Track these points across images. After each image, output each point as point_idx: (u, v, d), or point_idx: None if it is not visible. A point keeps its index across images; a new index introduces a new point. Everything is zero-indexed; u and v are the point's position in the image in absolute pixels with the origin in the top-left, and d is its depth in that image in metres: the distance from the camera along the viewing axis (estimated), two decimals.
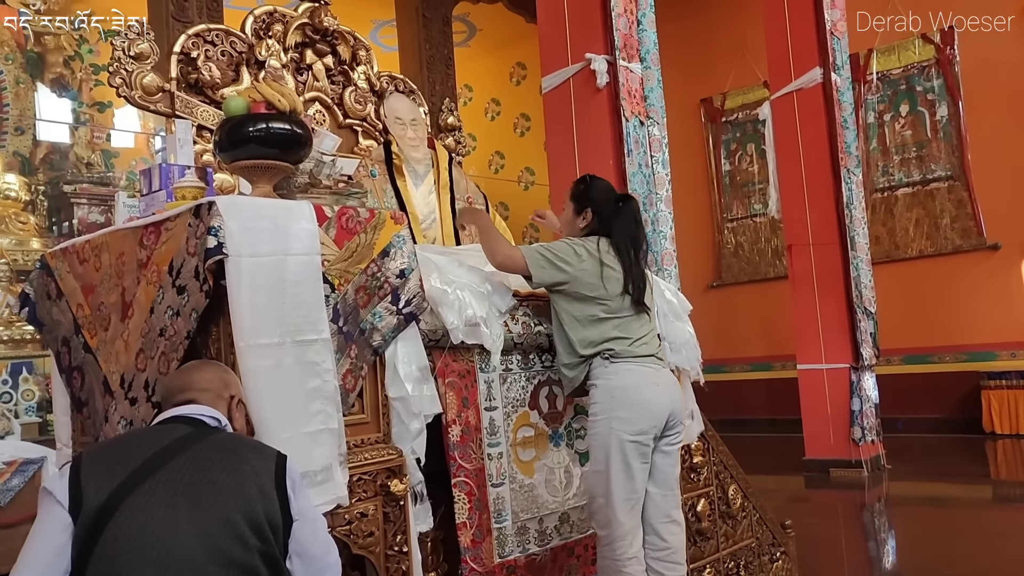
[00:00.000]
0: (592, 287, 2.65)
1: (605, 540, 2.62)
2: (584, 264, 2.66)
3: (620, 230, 2.75)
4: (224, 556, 1.50)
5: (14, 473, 4.97)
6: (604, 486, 2.59)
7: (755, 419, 9.15)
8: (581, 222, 2.81)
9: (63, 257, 2.53)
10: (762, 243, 9.82)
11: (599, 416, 2.62)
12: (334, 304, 2.16)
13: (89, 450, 1.67)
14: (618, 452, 2.57)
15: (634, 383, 2.63)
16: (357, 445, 2.21)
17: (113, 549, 1.46)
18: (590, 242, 2.73)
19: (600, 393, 2.63)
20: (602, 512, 2.61)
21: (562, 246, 2.70)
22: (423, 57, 8.31)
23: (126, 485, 1.50)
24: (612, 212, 2.78)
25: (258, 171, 2.29)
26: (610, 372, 2.62)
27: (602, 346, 2.64)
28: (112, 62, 3.00)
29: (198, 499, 1.52)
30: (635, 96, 4.84)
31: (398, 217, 2.35)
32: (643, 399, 2.62)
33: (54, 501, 1.50)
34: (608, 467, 2.58)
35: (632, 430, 2.58)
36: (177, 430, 1.65)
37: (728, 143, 10.09)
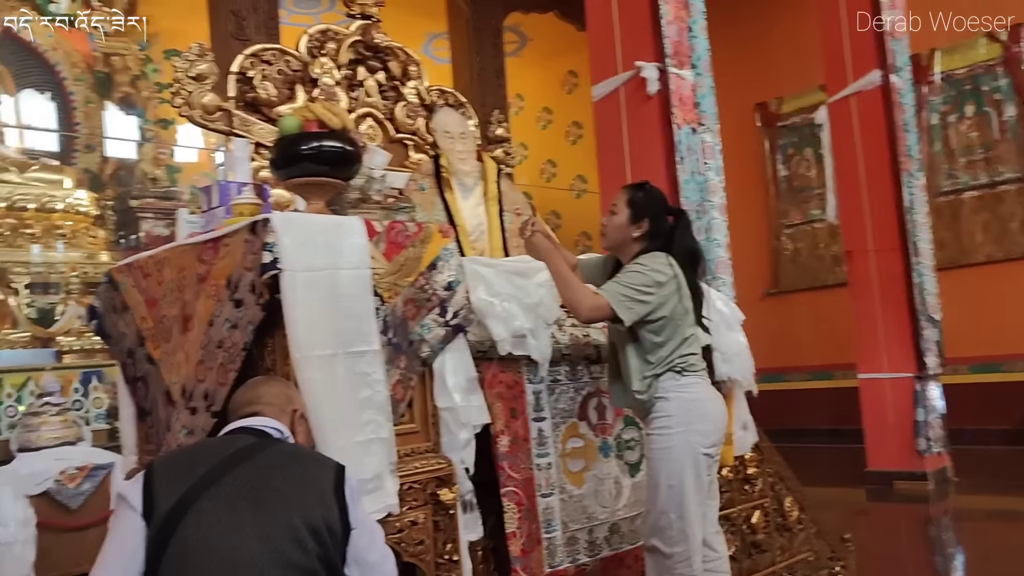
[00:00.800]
0: (671, 307, 2.57)
1: (679, 557, 2.52)
2: (665, 288, 2.56)
3: (680, 245, 2.68)
4: (285, 559, 1.56)
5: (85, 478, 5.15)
6: (678, 501, 2.51)
7: (815, 429, 8.96)
8: (636, 231, 2.68)
9: (128, 272, 2.63)
10: (820, 249, 9.63)
11: (674, 429, 2.54)
12: (384, 316, 2.21)
13: (161, 458, 1.76)
14: (694, 465, 2.53)
15: (706, 396, 2.62)
16: (407, 454, 2.25)
17: (182, 552, 1.53)
18: (660, 260, 2.62)
19: (674, 406, 2.55)
20: (675, 528, 2.52)
21: (641, 276, 2.56)
22: (474, 68, 8.39)
23: (193, 491, 1.58)
24: (669, 225, 2.71)
25: (311, 188, 2.35)
26: (682, 386, 2.57)
27: (673, 361, 2.58)
28: (174, 83, 3.12)
29: (260, 505, 1.58)
30: (686, 103, 4.82)
31: (446, 231, 2.39)
32: (716, 412, 2.62)
33: (129, 507, 1.59)
34: (683, 481, 2.51)
35: (707, 443, 2.56)
36: (242, 440, 1.72)
37: (785, 148, 9.94)
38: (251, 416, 1.81)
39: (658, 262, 2.61)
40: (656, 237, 2.69)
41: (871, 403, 6.70)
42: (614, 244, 2.76)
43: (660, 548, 2.55)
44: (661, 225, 2.70)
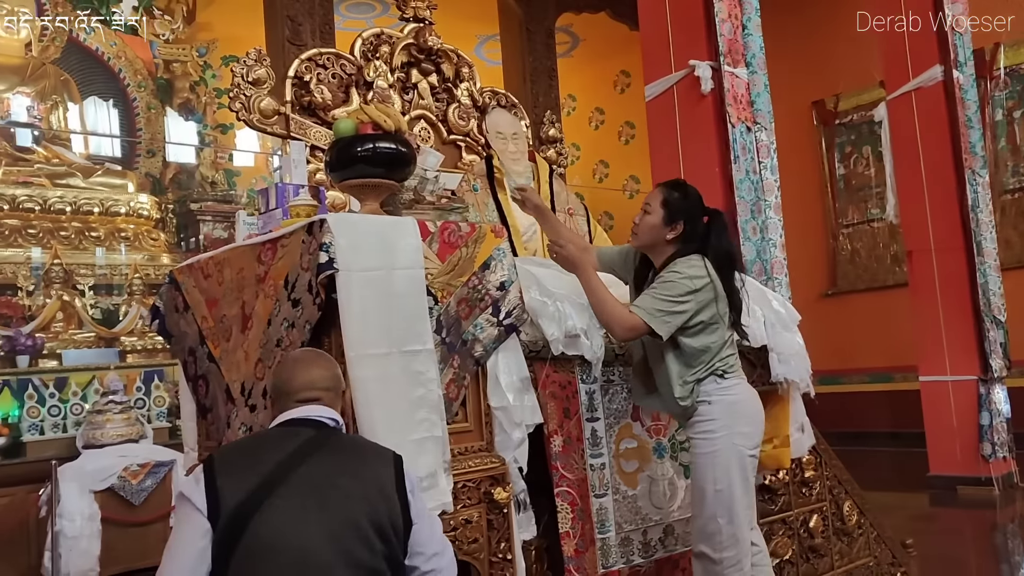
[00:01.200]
0: (711, 312, 2.52)
1: (729, 562, 2.48)
2: (702, 294, 2.50)
3: (716, 247, 2.59)
4: (352, 559, 1.58)
5: (147, 474, 5.29)
6: (727, 505, 2.47)
7: (875, 433, 8.76)
8: (670, 233, 2.59)
9: (189, 273, 2.70)
10: (880, 249, 9.41)
11: (719, 433, 2.50)
12: (437, 316, 2.22)
13: (219, 455, 1.72)
14: (740, 468, 2.50)
15: (747, 396, 2.59)
16: (461, 453, 2.26)
17: (251, 552, 1.54)
18: (695, 265, 2.54)
19: (717, 409, 2.51)
20: (724, 533, 2.48)
21: (676, 285, 2.49)
22: (526, 69, 8.39)
23: (260, 491, 1.57)
24: (705, 226, 2.61)
25: (366, 189, 2.38)
26: (724, 388, 2.53)
27: (714, 364, 2.54)
28: (232, 88, 3.18)
29: (327, 504, 1.59)
30: (741, 101, 4.77)
31: (498, 231, 2.40)
32: (757, 412, 2.60)
33: (193, 508, 1.58)
34: (731, 484, 2.48)
35: (751, 444, 2.54)
36: (302, 434, 1.71)
37: (842, 146, 9.74)
38: (309, 403, 1.78)
39: (693, 267, 2.53)
40: (691, 239, 2.60)
41: (933, 406, 6.52)
42: (646, 244, 2.66)
43: (709, 554, 2.51)
44: (696, 227, 2.60)
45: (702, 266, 2.55)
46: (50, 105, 7.79)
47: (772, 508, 3.26)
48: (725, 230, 2.67)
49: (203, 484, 1.59)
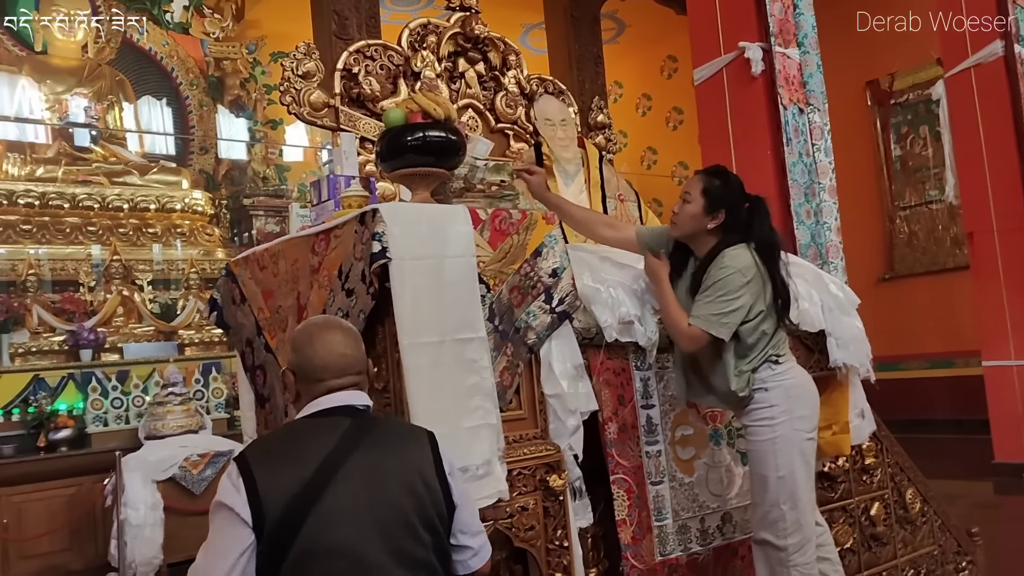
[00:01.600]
0: (757, 305, 2.49)
1: (796, 547, 2.45)
2: (754, 284, 2.47)
3: (760, 235, 2.54)
4: (408, 557, 1.56)
5: (207, 464, 5.41)
6: (790, 492, 2.44)
7: (936, 419, 8.55)
8: (711, 222, 2.54)
9: (245, 265, 2.73)
10: (939, 231, 9.16)
11: (778, 419, 2.47)
12: (490, 304, 2.22)
13: (254, 455, 1.59)
14: (801, 453, 2.48)
15: (802, 380, 2.56)
16: (516, 440, 2.26)
17: (303, 559, 1.48)
18: (742, 256, 2.50)
19: (775, 395, 2.48)
20: (788, 520, 2.44)
21: (726, 283, 2.45)
22: (572, 57, 8.34)
23: (307, 493, 1.50)
24: (747, 214, 2.55)
25: (416, 178, 2.39)
26: (779, 374, 2.51)
27: (767, 351, 2.51)
28: (282, 82, 3.21)
29: (375, 501, 1.56)
30: (793, 83, 4.67)
31: (549, 217, 2.39)
32: (813, 394, 2.57)
33: (236, 519, 1.49)
34: (793, 470, 2.45)
35: (809, 427, 2.52)
36: (340, 424, 1.63)
37: (898, 126, 9.49)
38: (348, 389, 1.70)
39: (741, 259, 2.49)
40: (733, 228, 2.54)
41: (997, 392, 6.34)
42: (686, 234, 2.61)
43: (772, 541, 2.48)
44: (738, 215, 2.54)
45: (749, 256, 2.51)
46: (106, 105, 7.97)
47: (832, 496, 3.20)
48: (767, 217, 2.59)
49: (244, 492, 1.49)
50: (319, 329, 1.75)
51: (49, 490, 5.28)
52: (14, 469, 5.26)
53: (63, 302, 6.50)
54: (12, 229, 6.90)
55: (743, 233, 2.54)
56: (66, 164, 7.47)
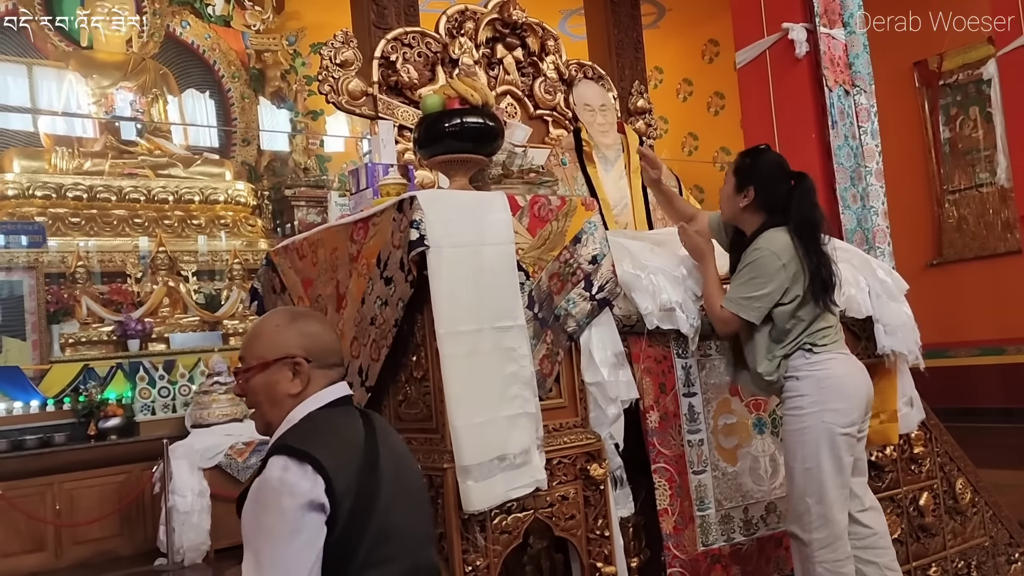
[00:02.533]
0: (793, 289, 2.44)
1: (822, 543, 2.41)
2: (790, 268, 2.42)
3: (796, 213, 2.46)
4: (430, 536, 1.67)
5: (252, 452, 5.49)
6: (816, 485, 2.40)
7: (987, 408, 8.35)
8: (742, 200, 2.51)
9: (285, 254, 2.75)
10: (990, 215, 8.91)
11: (807, 409, 2.42)
12: (529, 291, 2.20)
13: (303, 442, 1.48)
14: (831, 447, 2.41)
15: (843, 371, 2.46)
16: (556, 429, 2.24)
17: (379, 541, 1.45)
18: (778, 239, 2.45)
19: (807, 385, 2.43)
20: (814, 514, 2.41)
21: (757, 266, 2.43)
22: (612, 42, 8.25)
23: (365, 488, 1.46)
24: (783, 192, 2.49)
25: (454, 165, 2.37)
26: (814, 363, 2.44)
27: (802, 338, 2.45)
28: (321, 71, 3.22)
29: (409, 485, 1.61)
30: (838, 64, 4.57)
31: (589, 203, 2.36)
32: (854, 388, 2.46)
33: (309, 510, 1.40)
34: (820, 464, 2.40)
35: (845, 422, 2.42)
36: (353, 412, 1.62)
37: (947, 108, 9.24)
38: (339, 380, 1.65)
39: (776, 242, 2.45)
40: (770, 208, 2.50)
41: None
42: (728, 217, 2.62)
43: (799, 534, 2.45)
44: (773, 193, 2.49)
45: (786, 238, 2.46)
46: (151, 99, 8.10)
47: (879, 485, 3.13)
48: (808, 195, 2.51)
49: (319, 479, 1.41)
50: (302, 315, 1.71)
51: (99, 477, 5.41)
52: (65, 457, 5.39)
53: (111, 293, 6.64)
54: (61, 222, 7.06)
55: (784, 214, 2.49)
56: (112, 157, 7.62)
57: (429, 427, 2.13)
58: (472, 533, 2.02)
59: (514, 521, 2.09)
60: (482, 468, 2.00)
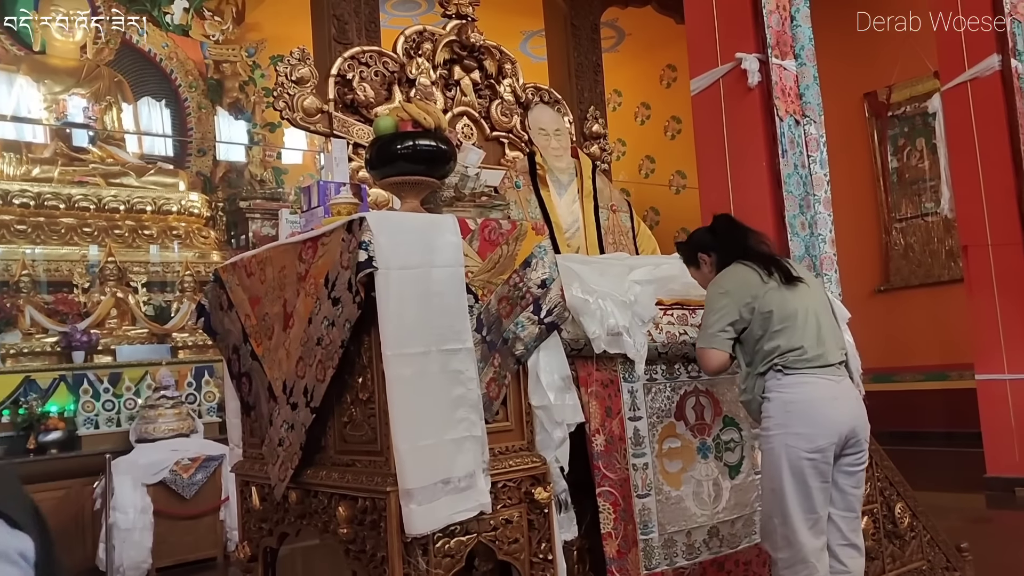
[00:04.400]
0: (749, 308, 2.56)
1: (785, 563, 2.48)
2: (736, 295, 2.58)
3: (729, 244, 2.73)
4: None
5: (198, 468, 5.40)
6: (780, 506, 2.48)
7: (929, 432, 8.56)
8: (707, 269, 2.77)
9: (233, 271, 2.72)
10: (935, 244, 9.17)
11: (772, 432, 2.50)
12: (478, 314, 2.21)
13: None
14: (793, 470, 2.46)
15: (811, 396, 2.50)
16: (501, 452, 2.24)
17: None
18: (723, 274, 2.67)
19: (774, 407, 2.51)
20: (778, 534, 2.48)
21: (708, 299, 2.65)
22: (572, 65, 8.35)
23: None
24: (716, 240, 2.76)
25: (406, 187, 2.38)
26: (783, 385, 2.50)
27: (773, 360, 2.52)
28: (276, 87, 3.21)
29: None
30: (789, 94, 4.67)
31: (539, 228, 2.38)
32: (820, 414, 2.49)
33: None
34: (782, 486, 2.47)
35: (809, 447, 2.46)
36: None
37: (895, 138, 9.51)
38: None
39: (721, 276, 2.67)
40: (721, 255, 2.74)
41: (990, 405, 6.33)
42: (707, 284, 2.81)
43: (769, 551, 2.57)
44: (714, 245, 2.76)
45: (732, 270, 2.66)
46: (104, 106, 7.97)
47: None
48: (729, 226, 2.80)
49: None
50: None
51: (38, 492, 5.25)
52: None
53: (56, 303, 6.49)
54: (7, 229, 6.89)
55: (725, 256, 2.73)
56: (63, 164, 7.47)
57: (373, 449, 2.12)
58: (414, 556, 2.01)
59: (457, 544, 2.09)
60: (426, 491, 1.99)
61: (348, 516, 2.13)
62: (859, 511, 2.66)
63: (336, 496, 2.21)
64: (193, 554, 5.38)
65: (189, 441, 5.60)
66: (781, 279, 2.61)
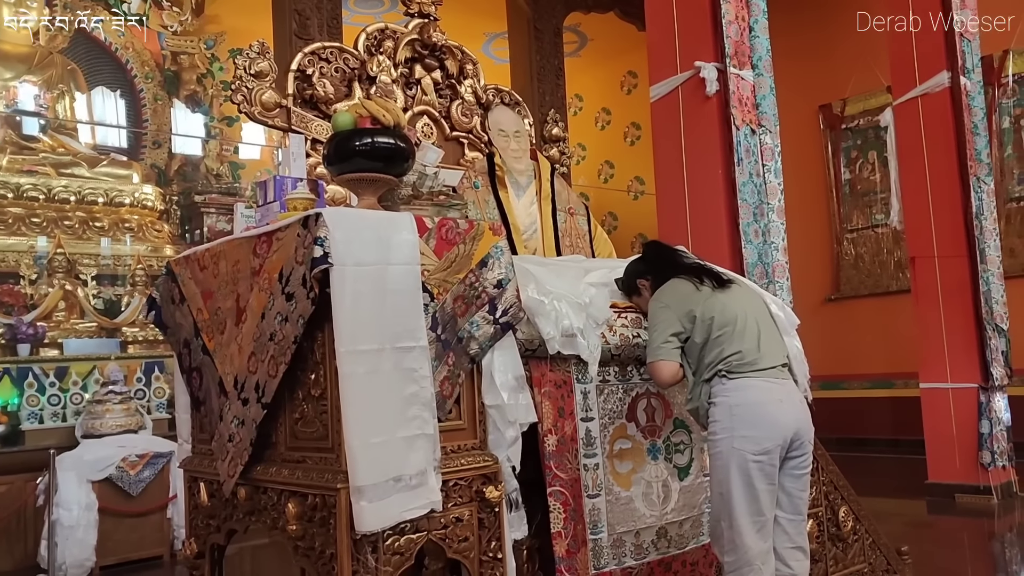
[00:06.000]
0: (690, 317, 2.63)
1: (731, 566, 2.51)
2: (672, 309, 2.66)
3: (658, 264, 2.83)
4: None
5: (146, 465, 5.31)
6: (727, 508, 2.51)
7: (875, 439, 8.75)
8: (647, 293, 2.82)
9: (186, 264, 2.69)
10: (884, 255, 9.38)
11: (719, 435, 2.54)
12: (433, 313, 2.21)
13: None
14: (740, 472, 2.50)
15: (755, 400, 2.54)
16: (454, 451, 2.25)
17: None
18: (659, 292, 2.75)
19: (719, 411, 2.55)
20: (726, 537, 2.51)
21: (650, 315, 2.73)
22: (534, 68, 8.39)
23: None
24: (648, 265, 2.85)
25: (364, 184, 2.38)
26: (729, 389, 2.55)
27: (717, 366, 2.57)
28: (235, 80, 3.18)
29: None
30: (746, 104, 4.74)
31: (496, 228, 2.39)
32: (766, 416, 2.53)
33: None
34: (730, 488, 2.50)
35: (755, 449, 2.50)
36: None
37: (848, 151, 9.71)
38: None
39: (658, 294, 2.74)
40: (655, 278, 2.81)
41: (933, 413, 6.50)
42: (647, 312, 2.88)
43: (716, 553, 2.61)
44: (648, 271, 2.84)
45: (667, 286, 2.74)
46: (56, 94, 7.81)
47: None
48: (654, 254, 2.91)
49: None
50: None
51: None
52: None
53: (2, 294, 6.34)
54: None
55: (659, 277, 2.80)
56: (11, 153, 7.30)
57: (324, 446, 2.12)
58: (363, 554, 2.00)
59: (407, 542, 2.09)
60: (377, 489, 1.99)
61: (298, 513, 2.12)
62: (805, 514, 2.71)
63: (286, 493, 2.19)
64: (138, 552, 5.29)
65: (137, 437, 5.50)
66: (713, 284, 2.71)
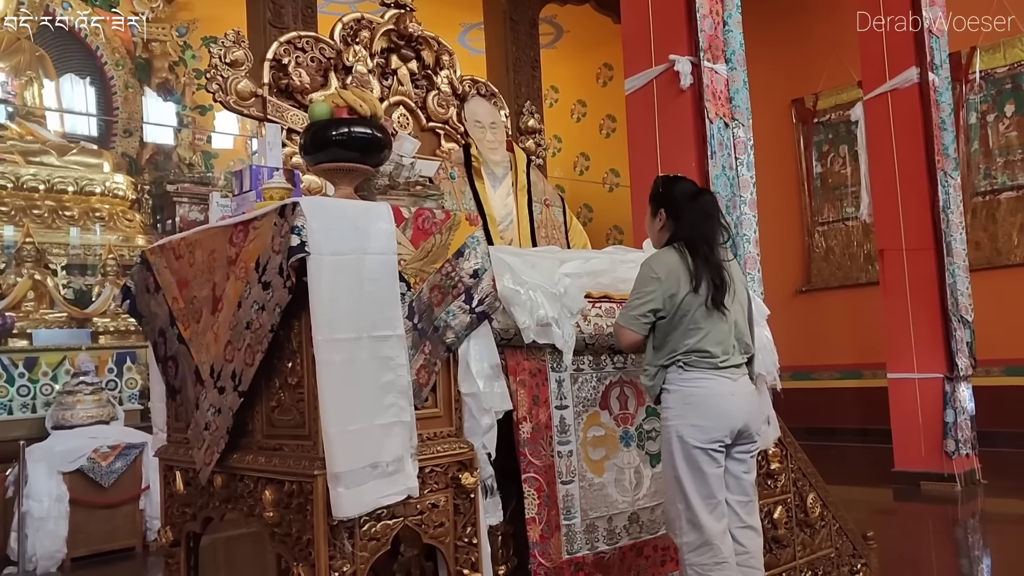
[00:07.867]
0: (673, 300, 2.59)
1: (690, 546, 2.56)
2: (667, 283, 2.59)
3: (688, 228, 2.65)
4: None
5: (117, 456, 5.28)
6: (680, 492, 2.58)
7: (844, 428, 8.90)
8: (658, 224, 2.75)
9: (161, 253, 2.69)
10: (854, 247, 9.53)
11: (671, 421, 2.61)
12: (409, 302, 2.23)
13: None
14: (688, 458, 2.57)
15: (710, 392, 2.60)
16: (430, 438, 2.28)
17: None
18: (661, 256, 2.66)
19: (672, 398, 2.61)
20: (684, 518, 2.57)
21: (639, 280, 2.64)
22: (509, 59, 8.39)
23: None
24: (683, 210, 2.69)
25: (340, 173, 2.39)
26: (684, 380, 2.60)
27: (678, 356, 2.61)
28: (209, 68, 3.17)
29: None
30: (720, 97, 4.80)
31: (473, 219, 2.41)
32: (717, 408, 2.60)
33: None
34: (679, 473, 2.57)
35: (703, 438, 2.57)
36: None
37: (820, 144, 9.83)
38: None
39: (658, 257, 2.66)
40: (676, 225, 2.69)
41: (900, 403, 6.63)
42: (654, 242, 2.82)
43: (673, 538, 2.64)
44: (678, 213, 2.69)
45: (671, 255, 2.64)
46: (24, 81, 7.69)
47: None
48: (702, 210, 2.69)
49: None
50: None
51: None
52: None
53: None
54: None
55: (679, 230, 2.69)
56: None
57: (301, 434, 2.13)
58: (340, 540, 2.03)
59: (383, 528, 2.11)
60: (354, 475, 2.01)
61: (274, 500, 2.14)
62: (753, 495, 2.78)
63: (263, 480, 2.21)
64: (111, 544, 5.26)
65: (108, 428, 5.47)
66: (708, 302, 2.60)
